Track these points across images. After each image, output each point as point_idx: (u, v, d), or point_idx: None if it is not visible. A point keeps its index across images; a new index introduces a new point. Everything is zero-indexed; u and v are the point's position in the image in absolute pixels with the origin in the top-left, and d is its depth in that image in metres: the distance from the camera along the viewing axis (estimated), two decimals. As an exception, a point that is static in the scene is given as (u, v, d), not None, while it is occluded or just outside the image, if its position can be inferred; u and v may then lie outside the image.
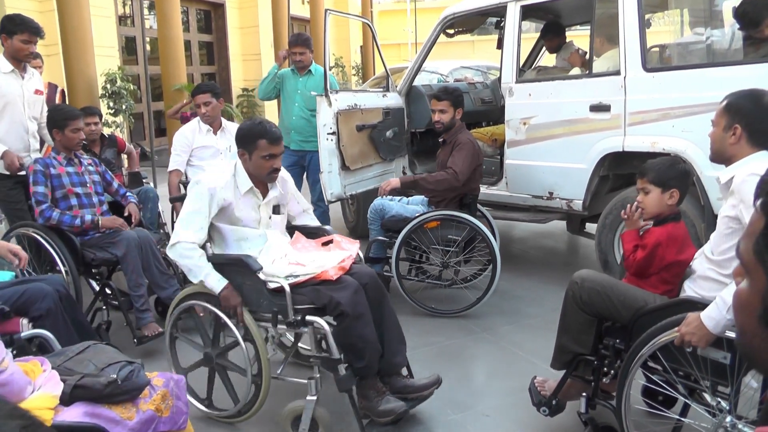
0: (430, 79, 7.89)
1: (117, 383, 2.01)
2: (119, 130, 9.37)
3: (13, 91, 4.15)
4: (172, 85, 10.74)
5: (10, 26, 4.07)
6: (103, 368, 2.06)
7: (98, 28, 9.23)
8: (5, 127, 4.14)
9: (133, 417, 2.02)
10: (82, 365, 2.12)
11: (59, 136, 3.88)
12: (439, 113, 4.36)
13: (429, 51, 5.32)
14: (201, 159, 4.61)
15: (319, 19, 14.96)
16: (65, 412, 1.94)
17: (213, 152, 4.66)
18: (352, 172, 4.84)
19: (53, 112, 3.99)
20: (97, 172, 4.10)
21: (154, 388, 2.16)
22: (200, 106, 4.66)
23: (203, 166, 4.48)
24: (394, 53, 23.35)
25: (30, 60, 4.30)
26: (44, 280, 3.10)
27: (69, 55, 8.02)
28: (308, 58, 5.63)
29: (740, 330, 0.85)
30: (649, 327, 2.28)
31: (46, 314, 2.88)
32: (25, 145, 4.23)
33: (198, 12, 13.95)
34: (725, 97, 2.36)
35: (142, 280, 3.76)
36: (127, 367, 2.08)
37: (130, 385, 2.05)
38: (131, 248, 3.72)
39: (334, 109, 4.62)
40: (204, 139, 4.69)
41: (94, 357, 2.17)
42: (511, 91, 4.72)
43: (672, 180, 2.56)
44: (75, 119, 3.89)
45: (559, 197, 4.53)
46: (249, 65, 14.61)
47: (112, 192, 4.23)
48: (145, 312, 3.76)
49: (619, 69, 4.14)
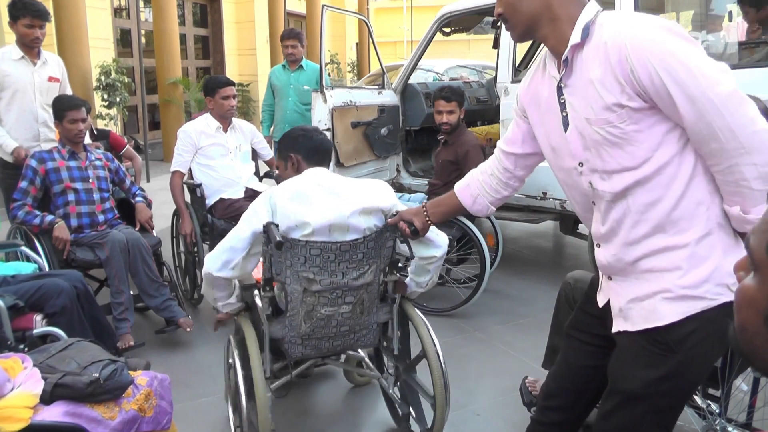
0: (425, 78, 7.87)
1: (99, 382, 1.97)
2: (113, 122, 9.30)
3: (24, 78, 4.06)
4: (167, 79, 10.70)
5: (14, 11, 3.98)
6: (86, 366, 2.03)
7: (93, 20, 9.18)
8: (15, 116, 4.06)
9: (115, 417, 1.99)
10: (64, 363, 2.08)
11: (59, 128, 3.75)
12: (447, 114, 4.32)
13: (425, 49, 5.30)
14: (210, 158, 4.27)
15: (315, 15, 14.98)
16: (45, 411, 1.90)
17: (223, 151, 4.31)
18: (346, 168, 4.82)
19: (55, 103, 3.82)
20: (105, 168, 3.92)
21: (138, 388, 2.12)
22: (228, 98, 4.27)
23: (213, 166, 4.24)
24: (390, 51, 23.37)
25: (38, 45, 4.12)
26: (63, 276, 3.04)
27: (63, 47, 7.99)
28: (300, 52, 5.75)
29: (740, 327, 0.81)
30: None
31: (61, 311, 2.84)
32: (34, 134, 4.14)
33: (194, 6, 13.88)
34: None
35: (125, 286, 3.54)
36: (111, 366, 2.05)
37: (112, 384, 2.02)
38: (116, 251, 3.52)
39: (329, 106, 4.61)
40: (213, 138, 4.29)
41: (77, 355, 2.14)
42: (506, 91, 4.70)
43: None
44: (72, 109, 3.69)
45: (552, 197, 4.51)
46: (244, 60, 14.55)
47: (125, 189, 4.10)
48: (122, 321, 3.51)
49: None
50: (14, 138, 4.00)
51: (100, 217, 3.77)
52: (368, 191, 2.33)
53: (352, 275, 2.27)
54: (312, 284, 2.23)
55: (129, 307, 3.56)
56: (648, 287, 1.58)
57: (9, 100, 4.03)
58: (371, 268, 2.31)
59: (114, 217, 3.89)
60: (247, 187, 4.31)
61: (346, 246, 2.22)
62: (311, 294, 2.25)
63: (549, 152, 1.78)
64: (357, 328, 2.43)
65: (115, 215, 3.91)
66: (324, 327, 2.34)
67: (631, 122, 1.49)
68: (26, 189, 3.61)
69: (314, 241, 2.19)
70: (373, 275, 2.34)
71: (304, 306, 2.28)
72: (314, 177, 2.35)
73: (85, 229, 3.71)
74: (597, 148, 1.57)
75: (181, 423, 2.94)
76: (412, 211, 2.17)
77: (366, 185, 2.38)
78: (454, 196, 2.09)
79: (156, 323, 3.98)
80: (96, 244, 3.61)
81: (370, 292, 2.39)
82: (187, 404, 3.12)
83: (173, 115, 10.92)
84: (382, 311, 2.52)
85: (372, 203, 2.30)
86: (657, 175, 1.51)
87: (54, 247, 3.53)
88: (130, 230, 3.76)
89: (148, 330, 3.94)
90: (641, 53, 1.42)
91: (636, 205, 1.56)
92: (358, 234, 2.26)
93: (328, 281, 2.24)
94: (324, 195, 2.26)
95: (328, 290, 2.26)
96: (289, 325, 2.34)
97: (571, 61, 1.58)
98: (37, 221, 3.54)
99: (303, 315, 2.30)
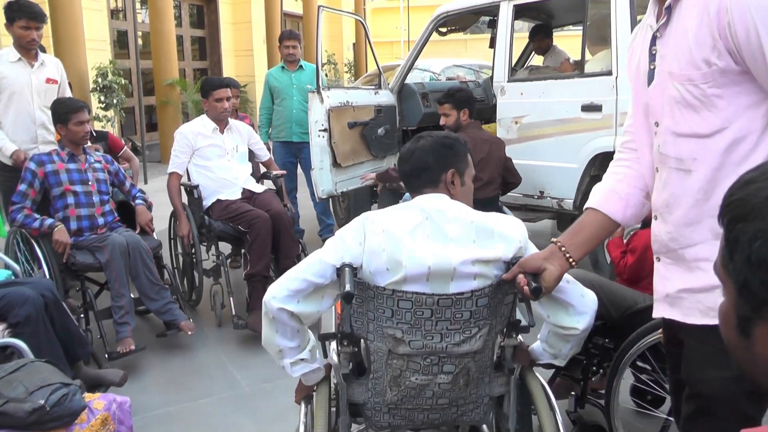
0: (422, 77, 7.88)
1: (45, 409, 1.85)
2: (110, 124, 9.30)
3: (21, 80, 4.03)
4: (164, 80, 10.71)
5: (9, 13, 3.96)
6: (33, 391, 1.89)
7: (90, 21, 9.17)
8: (12, 118, 4.03)
9: (66, 445, 1.83)
10: (10, 387, 1.94)
11: (63, 131, 3.69)
12: (443, 117, 4.30)
13: (422, 49, 5.31)
14: (207, 159, 4.24)
15: (312, 15, 14.99)
16: None
17: (219, 152, 4.27)
18: (343, 169, 4.83)
19: (55, 106, 3.78)
20: (105, 170, 3.88)
21: (94, 412, 2.01)
22: (222, 100, 4.22)
23: (210, 167, 4.22)
24: (387, 51, 23.36)
25: (35, 47, 4.09)
26: (30, 284, 2.91)
27: (60, 49, 7.99)
28: (299, 53, 5.83)
29: (727, 344, 0.85)
30: (638, 327, 2.27)
31: (25, 321, 2.67)
32: (31, 137, 4.11)
33: (191, 7, 13.87)
34: None
35: (125, 290, 3.51)
36: (60, 390, 1.92)
37: (60, 411, 1.89)
38: (116, 254, 3.49)
39: (326, 106, 4.62)
40: (209, 139, 4.26)
41: (26, 378, 1.99)
42: (503, 90, 4.72)
43: None
44: (78, 111, 3.66)
45: (549, 196, 4.53)
46: (241, 61, 14.55)
47: (125, 192, 4.07)
48: (122, 325, 3.47)
49: (611, 69, 4.14)
50: (12, 140, 3.99)
51: (99, 219, 3.73)
52: (491, 234, 1.72)
53: (454, 339, 1.70)
54: (399, 345, 1.71)
55: (129, 311, 3.53)
56: (705, 279, 1.40)
57: (6, 102, 4.02)
58: (481, 332, 1.72)
59: (114, 220, 3.86)
60: (244, 188, 4.29)
61: (446, 301, 1.66)
62: (398, 357, 1.73)
63: (638, 111, 1.61)
64: (461, 402, 1.83)
65: (115, 218, 3.88)
66: (416, 397, 1.78)
67: (713, 84, 1.35)
68: (25, 192, 3.58)
69: (404, 291, 1.66)
70: (484, 341, 1.74)
71: (390, 370, 1.75)
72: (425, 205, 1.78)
73: (85, 232, 3.67)
74: (671, 105, 1.44)
75: (180, 424, 2.98)
76: (542, 255, 1.65)
77: (491, 224, 1.75)
78: (595, 214, 1.69)
79: (156, 326, 3.97)
80: (96, 248, 3.58)
81: (480, 361, 1.79)
82: (186, 405, 3.14)
83: (170, 116, 10.92)
84: (496, 383, 1.89)
85: (492, 254, 1.70)
86: (728, 152, 1.37)
87: (54, 250, 3.50)
88: (130, 233, 3.74)
89: (148, 333, 3.94)
90: (744, 4, 1.28)
91: (699, 182, 1.42)
92: (465, 286, 1.69)
93: (420, 344, 1.70)
94: (429, 231, 1.72)
95: (419, 355, 1.72)
96: (372, 389, 1.82)
97: (671, 9, 1.45)
98: (37, 224, 3.51)
99: (389, 380, 1.77)
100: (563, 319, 1.79)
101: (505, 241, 1.71)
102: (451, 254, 1.67)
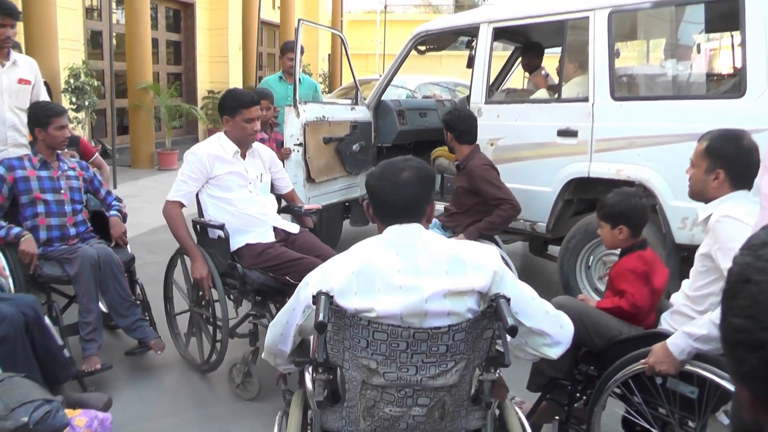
0: (398, 94, 7.91)
1: (28, 427, 1.83)
2: (81, 126, 9.14)
3: None
4: (137, 83, 10.58)
5: None
6: (15, 408, 1.87)
7: (63, 20, 9.02)
8: None
9: (48, 463, 1.81)
10: None
11: (42, 135, 3.51)
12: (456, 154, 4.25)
13: (399, 66, 5.32)
14: (227, 190, 3.40)
15: (289, 24, 14.97)
16: None
17: (241, 182, 3.44)
18: (317, 184, 4.82)
19: (34, 109, 3.62)
20: (79, 178, 3.69)
21: (75, 429, 2.00)
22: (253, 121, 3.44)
23: (231, 200, 3.39)
24: (363, 63, 23.42)
25: (8, 45, 3.92)
26: (10, 300, 2.79)
27: (32, 48, 7.86)
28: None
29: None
30: (621, 356, 2.30)
31: (2, 340, 2.56)
32: (2, 138, 3.91)
33: (167, 10, 13.74)
34: (704, 137, 2.34)
35: (94, 305, 3.33)
36: (43, 407, 1.90)
37: (44, 428, 1.87)
38: (85, 267, 3.30)
39: (302, 120, 4.60)
40: (230, 165, 3.42)
41: (5, 394, 1.97)
42: (480, 112, 4.74)
43: (619, 216, 2.61)
44: (58, 116, 3.49)
45: (523, 219, 4.55)
46: (216, 67, 14.45)
47: (101, 199, 3.88)
48: (89, 342, 3.29)
49: (587, 96, 4.19)
50: None
51: (71, 230, 3.57)
52: (463, 264, 1.71)
53: (429, 372, 1.67)
54: (373, 376, 1.68)
55: (98, 327, 3.35)
56: None
57: None
58: (458, 366, 1.69)
59: (86, 230, 3.69)
60: (275, 227, 3.49)
61: (422, 334, 1.64)
62: (372, 387, 1.71)
63: None
64: None
65: (88, 228, 3.72)
66: (389, 428, 1.76)
67: None
68: None
69: (380, 322, 1.65)
70: (460, 375, 1.72)
71: (364, 400, 1.74)
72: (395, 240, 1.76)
73: (55, 242, 3.50)
74: None
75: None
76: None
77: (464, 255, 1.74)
78: None
79: (127, 342, 3.79)
80: (65, 259, 3.40)
81: (456, 395, 1.77)
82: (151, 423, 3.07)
83: (142, 120, 10.79)
84: (473, 416, 1.86)
85: (465, 284, 1.69)
86: None
87: (20, 261, 3.34)
88: (102, 245, 3.55)
89: (117, 350, 3.75)
90: None
91: None
92: (440, 321, 1.68)
93: (394, 375, 1.68)
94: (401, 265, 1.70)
95: (394, 387, 1.69)
96: (346, 417, 1.81)
97: None
98: (2, 233, 3.31)
99: (362, 410, 1.75)
100: (540, 347, 1.85)
101: (479, 270, 1.70)
102: (423, 286, 1.67)
